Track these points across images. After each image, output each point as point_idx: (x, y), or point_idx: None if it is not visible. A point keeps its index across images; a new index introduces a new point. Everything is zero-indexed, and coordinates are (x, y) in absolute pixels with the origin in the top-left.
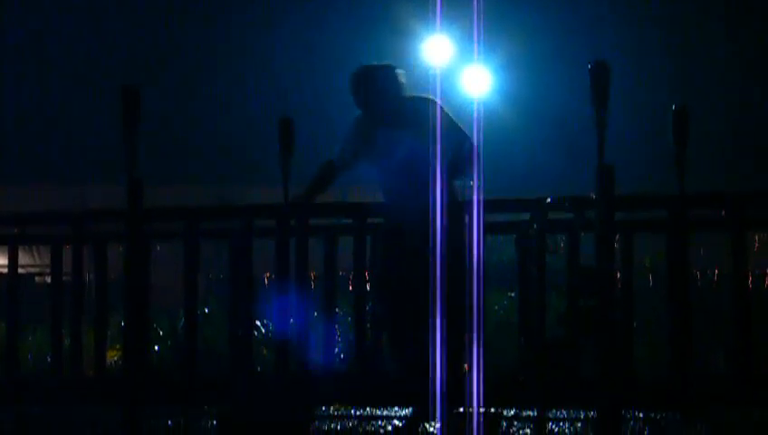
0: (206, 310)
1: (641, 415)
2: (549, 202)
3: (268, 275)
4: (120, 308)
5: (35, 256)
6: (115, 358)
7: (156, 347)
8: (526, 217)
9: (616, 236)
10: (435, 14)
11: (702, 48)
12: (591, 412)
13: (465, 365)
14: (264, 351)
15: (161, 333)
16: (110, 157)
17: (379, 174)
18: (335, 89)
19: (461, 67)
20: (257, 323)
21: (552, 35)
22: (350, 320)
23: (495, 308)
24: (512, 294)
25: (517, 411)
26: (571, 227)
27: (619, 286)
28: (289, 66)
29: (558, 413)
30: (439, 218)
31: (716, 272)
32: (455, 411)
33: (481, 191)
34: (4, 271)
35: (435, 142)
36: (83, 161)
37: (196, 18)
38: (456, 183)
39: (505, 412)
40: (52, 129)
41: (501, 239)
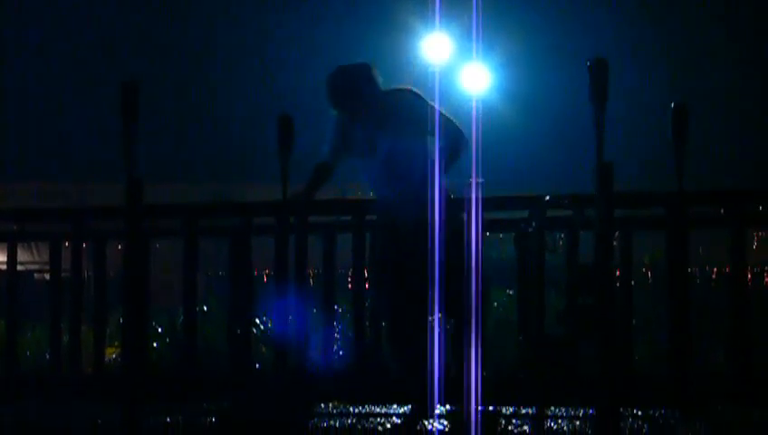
0: (204, 308)
1: (640, 413)
2: (548, 200)
3: (267, 273)
4: (119, 305)
5: (34, 253)
6: (114, 355)
7: (155, 344)
8: (525, 214)
9: (615, 234)
10: (434, 12)
11: (701, 46)
12: (590, 410)
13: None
14: (263, 348)
15: (160, 330)
16: (110, 154)
17: (364, 172)
18: None
19: (460, 65)
20: (256, 320)
21: (551, 33)
22: (349, 317)
23: (495, 306)
24: (511, 292)
25: (516, 409)
26: (570, 225)
27: (618, 284)
28: (288, 64)
29: (557, 411)
30: (432, 211)
31: (715, 270)
32: (453, 409)
33: (479, 188)
34: (4, 268)
35: (417, 133)
36: (83, 159)
37: (195, 16)
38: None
39: (504, 410)
40: (52, 126)
41: (500, 237)
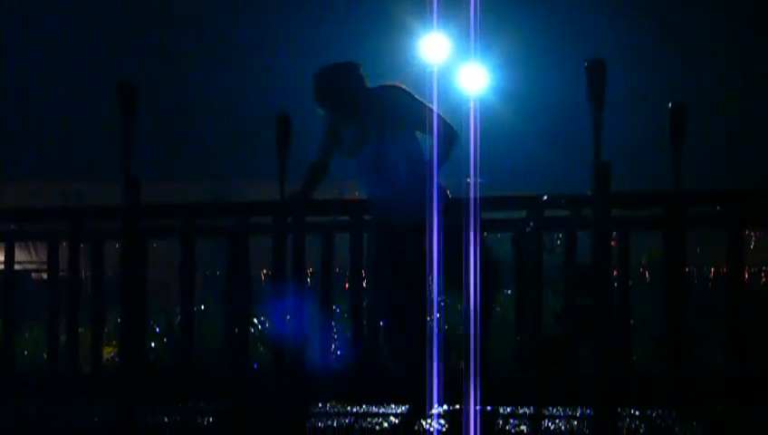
0: (202, 307)
1: (638, 413)
2: (545, 200)
3: (265, 272)
4: (117, 305)
5: (32, 253)
6: (111, 355)
7: (152, 344)
8: (523, 214)
9: (613, 234)
10: (432, 12)
11: (699, 46)
12: (588, 410)
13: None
14: (261, 348)
15: (158, 330)
16: (108, 153)
17: (355, 171)
18: None
19: (458, 65)
20: (254, 320)
21: (549, 33)
22: (346, 317)
23: (492, 305)
24: (508, 292)
25: (514, 409)
26: (567, 225)
27: (615, 284)
28: (286, 63)
29: (555, 411)
30: (427, 209)
31: (713, 269)
32: (451, 409)
33: (477, 188)
34: (1, 267)
35: (405, 129)
36: (81, 158)
37: (193, 15)
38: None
39: (502, 410)
40: (50, 125)
41: (497, 237)
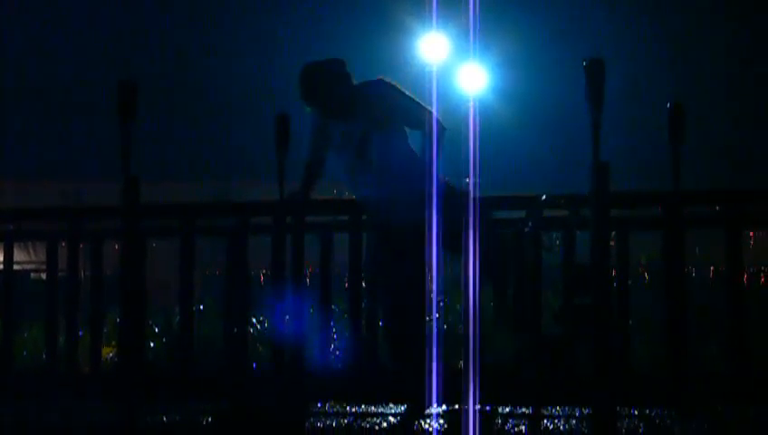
0: (201, 307)
1: (637, 413)
2: (544, 199)
3: (264, 272)
4: (116, 305)
5: (31, 253)
6: (111, 355)
7: (152, 344)
8: (522, 214)
9: (612, 234)
10: (431, 12)
11: (699, 45)
12: (587, 410)
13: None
14: (260, 348)
15: (157, 330)
16: (108, 153)
17: (343, 169)
18: None
19: (457, 64)
20: (253, 320)
21: (548, 33)
22: (346, 316)
23: (491, 305)
24: (508, 292)
25: (513, 409)
26: (566, 225)
27: (614, 284)
28: (286, 63)
29: (554, 411)
30: (425, 207)
31: (712, 269)
32: (450, 409)
33: (477, 188)
34: (0, 267)
35: (392, 124)
36: (80, 157)
37: (193, 14)
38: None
39: (501, 410)
40: (49, 125)
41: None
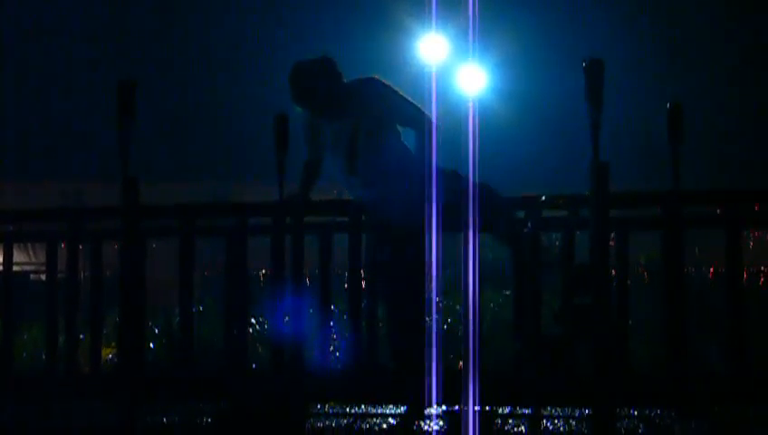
0: (201, 308)
1: (637, 413)
2: (544, 200)
3: (264, 273)
4: (116, 306)
5: (31, 255)
6: (111, 355)
7: (151, 345)
8: (521, 214)
9: (611, 234)
10: (430, 13)
11: (697, 46)
12: (587, 410)
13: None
14: (260, 349)
15: (157, 330)
16: (107, 154)
17: (338, 169)
18: None
19: (456, 65)
20: (252, 320)
21: (547, 34)
22: (345, 317)
23: (491, 306)
24: (507, 292)
25: (512, 409)
26: (566, 225)
27: (614, 284)
28: (285, 64)
29: (553, 411)
30: (420, 206)
31: (712, 270)
32: (450, 409)
33: (476, 188)
34: (0, 268)
35: (384, 122)
36: (80, 158)
37: (193, 14)
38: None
39: (501, 410)
40: (49, 125)
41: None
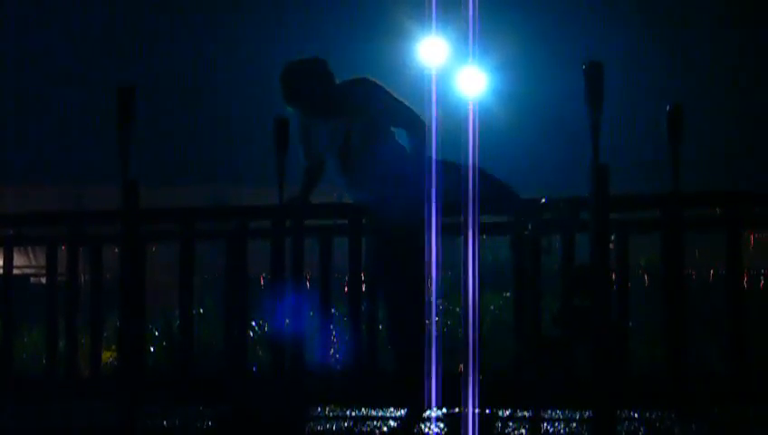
0: (201, 310)
1: (637, 415)
2: (544, 202)
3: (263, 276)
4: (116, 309)
5: (31, 258)
6: (111, 358)
7: (151, 348)
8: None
9: (611, 237)
10: (430, 16)
11: (697, 48)
12: (587, 412)
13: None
14: (260, 351)
15: (157, 333)
16: (108, 157)
17: (331, 168)
18: None
19: (456, 68)
20: (253, 323)
21: (547, 36)
22: (345, 320)
23: (491, 308)
24: (507, 295)
25: (512, 412)
26: (566, 228)
27: (614, 286)
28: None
29: (553, 413)
30: (416, 207)
31: (712, 272)
32: (450, 412)
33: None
34: (0, 272)
35: (378, 123)
36: (80, 162)
37: (192, 18)
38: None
39: (501, 413)
40: (49, 129)
41: (496, 240)
